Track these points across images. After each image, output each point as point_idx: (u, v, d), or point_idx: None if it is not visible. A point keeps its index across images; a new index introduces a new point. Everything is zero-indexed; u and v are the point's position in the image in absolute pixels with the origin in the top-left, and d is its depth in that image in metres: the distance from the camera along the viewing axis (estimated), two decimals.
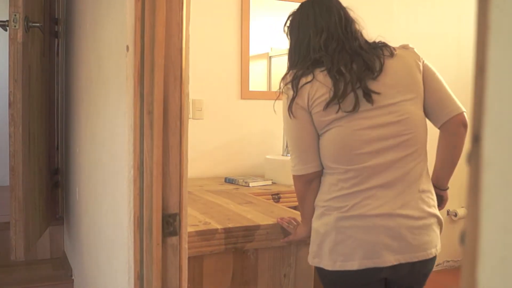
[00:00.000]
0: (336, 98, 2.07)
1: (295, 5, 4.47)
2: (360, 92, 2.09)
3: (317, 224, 2.18)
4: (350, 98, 2.08)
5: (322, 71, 2.14)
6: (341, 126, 2.10)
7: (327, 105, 2.08)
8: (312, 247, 2.20)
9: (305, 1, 2.37)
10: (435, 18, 5.23)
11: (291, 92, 2.14)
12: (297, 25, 2.32)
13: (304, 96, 2.12)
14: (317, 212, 2.21)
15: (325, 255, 2.13)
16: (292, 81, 2.15)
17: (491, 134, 0.53)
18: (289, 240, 2.45)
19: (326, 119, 2.11)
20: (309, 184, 2.20)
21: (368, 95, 2.09)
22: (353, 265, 2.07)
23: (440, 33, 5.27)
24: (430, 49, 5.19)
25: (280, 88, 2.23)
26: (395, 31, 4.89)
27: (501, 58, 0.51)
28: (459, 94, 5.34)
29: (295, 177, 2.23)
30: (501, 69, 0.51)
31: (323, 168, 2.19)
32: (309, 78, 2.13)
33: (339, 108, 2.08)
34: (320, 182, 2.21)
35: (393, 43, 2.49)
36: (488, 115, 0.53)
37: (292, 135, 2.20)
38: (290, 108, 2.15)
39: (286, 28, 2.39)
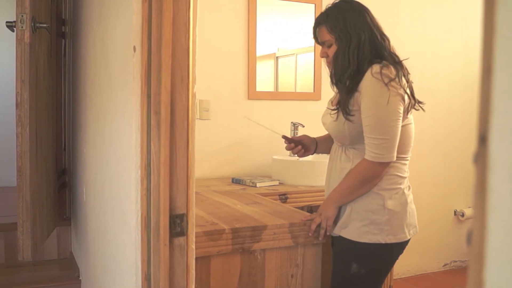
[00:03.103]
0: (414, 100, 2.47)
1: (302, 5, 4.50)
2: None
3: (392, 204, 2.46)
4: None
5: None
6: (411, 124, 2.52)
7: (412, 106, 2.47)
8: (383, 226, 2.44)
9: (355, 2, 2.59)
10: (441, 19, 5.22)
11: (400, 88, 2.37)
12: (358, 22, 2.50)
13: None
14: (386, 194, 2.46)
15: (399, 229, 2.47)
16: (398, 78, 2.36)
17: (497, 135, 0.53)
18: (322, 226, 2.55)
19: (408, 116, 2.47)
20: (385, 169, 2.43)
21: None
22: (415, 231, 2.56)
23: (446, 34, 5.26)
24: (437, 50, 5.19)
25: (380, 74, 2.35)
26: (402, 32, 4.89)
27: (507, 60, 0.51)
28: (466, 95, 5.32)
29: (382, 164, 2.41)
30: (507, 70, 0.51)
31: None
32: (404, 80, 2.41)
33: (413, 109, 2.50)
34: None
35: (399, 44, 2.53)
36: (494, 116, 0.53)
37: (395, 127, 2.39)
38: (408, 107, 2.43)
39: (337, 21, 2.52)
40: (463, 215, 5.46)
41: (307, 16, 4.58)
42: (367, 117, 2.38)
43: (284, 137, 2.84)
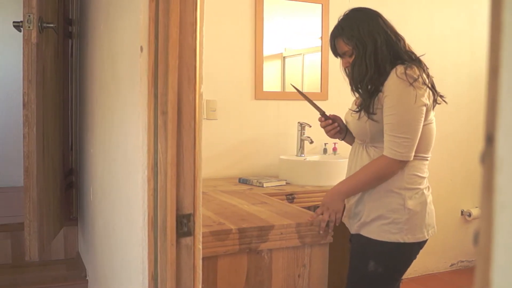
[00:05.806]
0: (436, 93, 2.50)
1: (309, 6, 4.50)
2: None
3: (412, 203, 2.49)
4: None
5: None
6: (433, 123, 2.53)
7: (435, 101, 2.50)
8: (403, 226, 2.47)
9: (365, 9, 2.64)
10: (449, 18, 5.22)
11: (425, 89, 2.40)
12: (371, 27, 2.54)
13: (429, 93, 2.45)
14: (407, 194, 2.49)
15: (418, 229, 2.50)
16: (421, 77, 2.40)
17: (504, 134, 0.53)
18: (331, 219, 2.57)
19: (430, 114, 2.49)
20: (401, 168, 2.46)
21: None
22: (433, 232, 2.58)
23: (454, 33, 5.25)
24: (444, 49, 5.18)
25: (405, 74, 2.38)
26: (409, 31, 4.87)
27: None
28: (472, 93, 5.31)
29: (398, 162, 2.44)
30: None
31: None
32: (427, 78, 2.44)
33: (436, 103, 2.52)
34: None
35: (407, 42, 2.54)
36: (501, 115, 0.53)
37: (417, 127, 2.42)
38: (432, 104, 2.48)
39: (351, 31, 2.55)
40: (470, 215, 5.45)
41: (314, 16, 4.58)
42: (390, 115, 2.40)
43: (323, 114, 2.86)
